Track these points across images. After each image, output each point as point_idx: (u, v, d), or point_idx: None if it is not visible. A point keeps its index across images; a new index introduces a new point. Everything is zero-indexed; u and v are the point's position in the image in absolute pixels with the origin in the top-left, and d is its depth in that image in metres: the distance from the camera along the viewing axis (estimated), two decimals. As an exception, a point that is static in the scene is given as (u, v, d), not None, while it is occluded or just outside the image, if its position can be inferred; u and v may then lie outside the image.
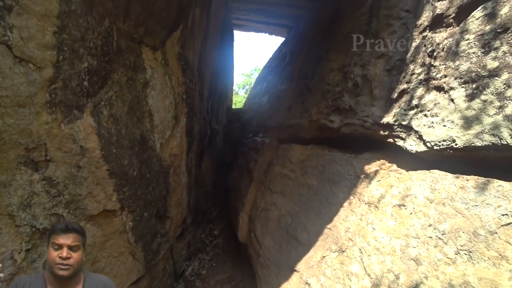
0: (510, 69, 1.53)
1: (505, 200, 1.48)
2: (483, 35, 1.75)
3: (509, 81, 1.52)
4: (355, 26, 3.82)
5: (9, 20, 2.02)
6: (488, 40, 1.71)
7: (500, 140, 1.52)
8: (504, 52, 1.59)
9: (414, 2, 2.82)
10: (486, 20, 1.76)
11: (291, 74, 5.71)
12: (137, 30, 3.52)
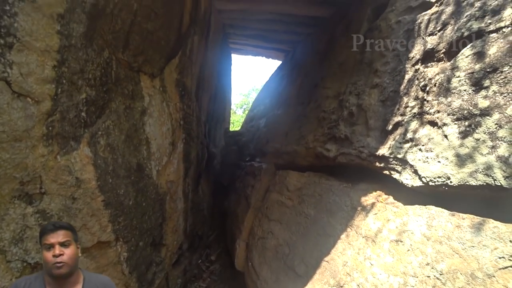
0: (500, 109, 1.56)
1: (501, 242, 1.47)
2: (473, 73, 1.79)
3: (500, 122, 1.55)
4: (349, 55, 3.91)
5: (9, 57, 2.06)
6: (479, 79, 1.75)
7: (494, 181, 1.53)
8: (494, 91, 1.63)
9: (405, 34, 2.91)
10: (475, 59, 1.81)
11: (288, 99, 5.78)
12: (136, 59, 3.58)
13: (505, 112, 1.55)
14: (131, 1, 3.20)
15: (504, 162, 1.48)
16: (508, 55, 1.60)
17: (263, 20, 6.73)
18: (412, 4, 3.06)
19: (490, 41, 1.75)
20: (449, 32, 2.21)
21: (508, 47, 1.61)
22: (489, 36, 1.78)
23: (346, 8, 5.17)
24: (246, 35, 7.94)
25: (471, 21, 2.01)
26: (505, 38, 1.66)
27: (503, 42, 1.66)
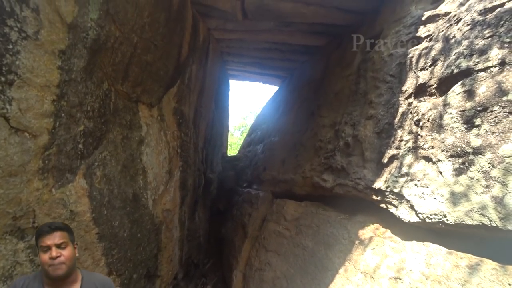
0: (493, 148, 1.58)
1: (500, 285, 1.45)
2: (464, 111, 1.84)
3: (493, 161, 1.57)
4: (344, 85, 4.00)
5: (9, 94, 2.08)
6: (470, 117, 1.79)
7: (490, 221, 1.53)
8: (485, 130, 1.66)
9: (397, 68, 2.99)
10: (466, 97, 1.86)
11: (285, 126, 5.85)
12: (135, 90, 3.63)
13: (497, 152, 1.57)
14: (132, 35, 3.28)
15: (499, 203, 1.49)
16: (497, 95, 1.65)
17: (260, 49, 6.91)
18: (403, 39, 3.17)
19: (479, 80, 1.81)
20: (439, 68, 2.28)
21: (497, 87, 1.66)
22: (478, 75, 1.84)
23: (340, 38, 5.33)
24: (243, 62, 8.12)
25: (460, 59, 2.08)
26: (493, 78, 1.71)
27: (492, 81, 1.71)
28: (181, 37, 4.39)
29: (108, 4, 2.83)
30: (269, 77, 9.44)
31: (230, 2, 4.64)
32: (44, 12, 2.22)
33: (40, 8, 2.19)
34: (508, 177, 1.47)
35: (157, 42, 3.72)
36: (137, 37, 3.36)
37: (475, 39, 2.03)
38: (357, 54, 4.18)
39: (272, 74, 8.95)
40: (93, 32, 2.71)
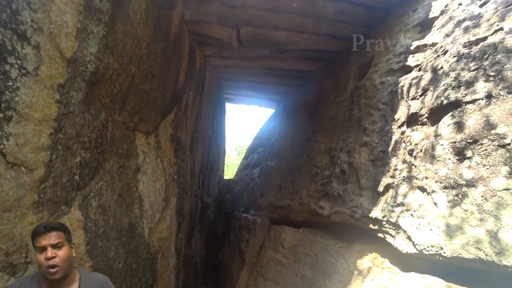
0: (484, 181, 1.61)
1: (501, 322, 1.43)
2: (455, 143, 1.88)
3: (485, 194, 1.60)
4: (338, 111, 4.07)
5: (7, 129, 2.09)
6: (461, 149, 1.83)
7: (486, 255, 1.53)
8: (477, 163, 1.70)
9: (389, 96, 3.06)
10: (456, 129, 1.91)
11: (281, 151, 5.89)
12: (132, 119, 3.66)
13: (489, 185, 1.60)
14: (130, 66, 3.35)
15: (494, 237, 1.50)
16: (486, 128, 1.70)
17: (256, 74, 7.06)
18: (394, 67, 3.27)
19: (468, 112, 1.86)
20: (429, 98, 2.35)
21: (485, 120, 1.71)
22: (466, 107, 1.90)
23: (334, 63, 5.48)
24: (239, 86, 8.27)
25: (448, 90, 2.15)
26: (481, 111, 1.77)
27: (480, 114, 1.76)
28: (178, 65, 4.49)
29: (107, 38, 2.90)
30: (265, 100, 9.59)
31: (226, 31, 4.78)
32: (44, 49, 2.27)
33: (41, 45, 2.24)
34: (501, 211, 1.49)
35: (154, 72, 3.79)
36: (135, 67, 3.43)
37: (462, 71, 2.11)
38: (350, 80, 4.29)
39: (268, 97, 9.09)
40: (92, 65, 2.77)
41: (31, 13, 2.15)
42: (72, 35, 2.49)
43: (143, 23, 3.40)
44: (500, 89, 1.74)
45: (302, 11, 4.38)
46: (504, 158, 1.57)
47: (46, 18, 2.25)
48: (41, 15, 2.22)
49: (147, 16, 3.45)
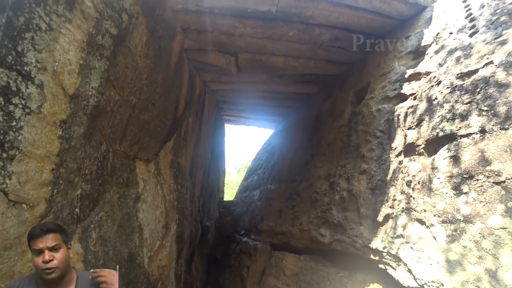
0: (482, 218, 1.63)
1: None
2: (452, 177, 1.91)
3: (483, 232, 1.61)
4: (337, 136, 4.12)
5: (10, 168, 2.11)
6: (457, 184, 1.86)
7: (487, 295, 1.53)
8: (473, 198, 1.72)
9: (386, 124, 3.11)
10: (452, 162, 1.95)
11: (280, 174, 5.91)
12: (132, 148, 3.70)
13: (486, 222, 1.62)
14: (130, 97, 3.42)
15: (493, 276, 1.51)
16: (481, 163, 1.73)
17: (254, 97, 7.16)
18: (389, 94, 3.34)
19: (463, 146, 1.90)
20: (425, 128, 2.39)
21: (480, 155, 1.75)
22: (461, 140, 1.94)
23: (331, 85, 5.58)
24: (238, 109, 8.37)
25: (443, 122, 2.19)
26: (476, 145, 1.81)
27: (475, 149, 1.80)
28: (178, 93, 4.57)
29: (109, 72, 2.98)
30: (264, 122, 9.68)
31: (225, 58, 4.90)
32: (48, 87, 2.33)
33: (45, 83, 2.30)
34: (499, 250, 1.50)
35: (155, 101, 3.86)
36: (136, 98, 3.49)
37: (456, 104, 2.16)
38: (347, 105, 4.35)
39: (267, 118, 9.19)
40: (93, 99, 2.83)
41: (36, 54, 2.21)
42: (75, 71, 2.56)
43: (144, 55, 3.49)
44: (493, 125, 1.78)
45: (298, 38, 4.50)
46: (499, 196, 1.59)
47: (50, 58, 2.32)
48: (46, 55, 2.28)
49: (147, 48, 3.55)
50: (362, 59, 4.83)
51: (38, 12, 2.16)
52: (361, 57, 4.84)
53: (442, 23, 3.40)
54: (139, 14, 3.26)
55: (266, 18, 3.93)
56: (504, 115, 1.75)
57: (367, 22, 4.16)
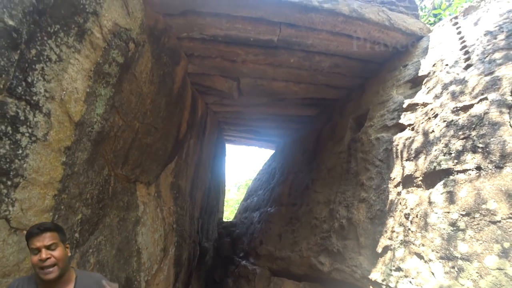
0: (479, 257, 1.65)
1: None
2: (449, 213, 1.94)
3: (480, 271, 1.62)
4: (336, 162, 4.16)
5: (13, 195, 2.14)
6: (454, 220, 1.88)
7: None
8: (470, 236, 1.74)
9: (385, 153, 3.16)
10: (449, 198, 1.98)
11: (280, 197, 5.91)
12: (134, 171, 3.73)
13: (483, 261, 1.63)
14: (134, 122, 3.48)
15: (492, 320, 1.51)
16: (477, 201, 1.76)
17: (255, 119, 7.26)
18: (388, 123, 3.40)
19: (459, 182, 1.94)
20: (422, 161, 2.44)
21: (476, 193, 1.78)
22: (457, 176, 1.98)
23: (331, 108, 5.67)
24: (239, 130, 8.46)
25: (440, 157, 2.24)
26: (471, 183, 1.84)
27: (471, 186, 1.83)
28: (180, 116, 4.64)
29: (114, 99, 3.05)
30: (264, 142, 9.76)
31: (227, 83, 5.01)
32: (55, 115, 2.39)
33: (52, 111, 2.36)
34: (496, 292, 1.51)
35: (157, 125, 3.93)
36: (139, 123, 3.56)
37: (452, 139, 2.22)
38: (347, 132, 4.42)
39: (268, 139, 9.27)
40: (98, 125, 2.89)
41: (45, 84, 2.28)
42: (81, 99, 2.63)
43: (148, 81, 3.58)
44: (488, 163, 1.82)
45: (299, 65, 4.62)
46: (495, 235, 1.61)
47: (58, 87, 2.39)
48: (54, 84, 2.35)
49: (152, 74, 3.65)
50: (361, 84, 4.94)
51: (50, 44, 2.24)
52: (361, 83, 4.96)
53: (438, 54, 3.50)
54: (145, 42, 3.38)
55: (268, 46, 4.06)
56: (498, 154, 1.79)
57: (366, 50, 4.29)
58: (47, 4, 1.93)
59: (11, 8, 1.57)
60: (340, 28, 3.82)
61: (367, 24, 3.86)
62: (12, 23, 1.60)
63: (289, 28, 3.70)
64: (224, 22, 3.53)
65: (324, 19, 3.62)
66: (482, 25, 3.18)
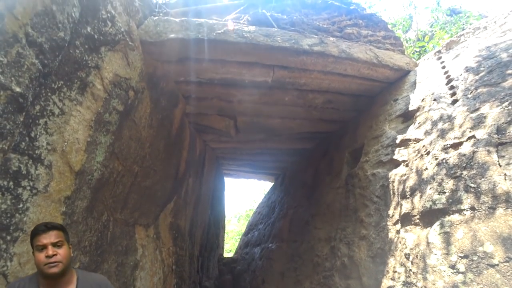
0: (481, 303, 1.64)
1: None
2: (447, 254, 1.94)
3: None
4: (335, 198, 4.17)
5: (12, 250, 2.13)
6: (454, 262, 1.89)
7: None
8: (471, 279, 1.74)
9: (382, 189, 3.19)
10: (446, 239, 1.99)
11: (281, 233, 5.86)
12: (133, 215, 3.73)
13: (486, 309, 1.62)
14: (133, 166, 3.53)
15: None
16: (474, 243, 1.78)
17: (252, 153, 7.35)
18: (383, 159, 3.46)
19: (455, 223, 1.97)
20: (418, 199, 2.47)
21: (472, 234, 1.80)
22: (453, 217, 2.01)
23: (327, 143, 5.75)
24: (237, 164, 8.51)
25: (435, 195, 2.28)
26: (467, 224, 1.87)
27: (467, 227, 1.86)
28: (179, 157, 4.70)
29: (114, 145, 3.12)
30: (262, 175, 9.79)
31: (224, 121, 5.13)
32: (56, 166, 2.43)
33: (53, 163, 2.40)
34: None
35: (156, 168, 3.97)
36: (138, 167, 3.61)
37: (445, 177, 2.27)
38: (344, 166, 4.47)
39: (266, 172, 9.31)
40: (97, 173, 2.93)
41: (47, 137, 2.34)
42: (82, 149, 2.69)
43: (147, 125, 3.68)
44: (481, 203, 1.87)
45: (293, 102, 4.77)
46: (495, 279, 1.61)
47: (60, 139, 2.45)
48: (56, 137, 2.41)
49: (151, 118, 3.75)
50: (355, 117, 5.07)
51: (53, 99, 2.32)
52: (354, 115, 5.09)
53: (426, 88, 3.63)
54: (144, 88, 3.51)
55: (262, 87, 4.21)
56: (490, 195, 1.84)
57: (357, 86, 4.46)
58: (53, 67, 2.05)
59: (18, 76, 1.67)
60: (331, 68, 3.99)
61: (356, 62, 4.04)
62: (19, 90, 1.69)
63: (282, 70, 3.87)
64: (220, 67, 3.69)
65: (315, 61, 3.80)
66: (464, 61, 3.34)
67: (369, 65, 4.14)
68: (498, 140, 2.13)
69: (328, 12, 4.70)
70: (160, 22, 3.35)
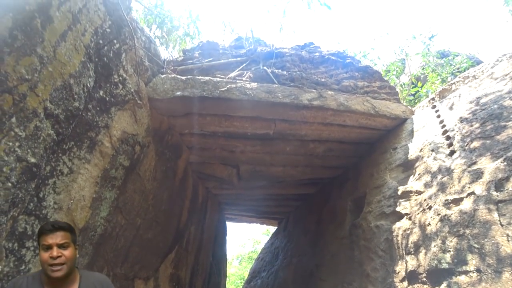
0: None
1: None
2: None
3: None
4: (339, 248, 4.10)
5: (11, 316, 2.09)
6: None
7: None
8: None
9: (386, 243, 3.16)
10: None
11: (285, 284, 5.67)
12: (133, 268, 3.65)
13: None
14: (136, 219, 3.53)
15: None
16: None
17: (255, 199, 7.32)
18: (386, 211, 3.46)
19: (462, 285, 1.94)
20: (423, 257, 2.45)
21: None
22: (460, 278, 1.98)
23: (329, 188, 5.75)
24: (240, 209, 8.45)
25: (440, 254, 2.26)
26: (474, 287, 1.84)
27: (474, 291, 1.83)
28: (181, 206, 4.71)
29: (118, 200, 3.15)
30: (265, 219, 9.65)
31: (227, 170, 5.20)
32: (60, 225, 2.46)
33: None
34: None
35: (159, 219, 3.97)
36: (141, 219, 3.61)
37: (448, 235, 2.27)
38: (347, 214, 4.45)
39: (268, 217, 9.20)
40: (100, 228, 2.94)
41: (55, 196, 2.39)
42: (87, 206, 2.72)
43: (151, 178, 3.74)
44: (487, 266, 1.86)
45: (295, 152, 4.86)
46: None
47: (67, 197, 2.50)
48: (63, 196, 2.46)
49: (156, 171, 3.82)
50: (356, 163, 5.11)
51: (63, 159, 2.40)
52: (355, 161, 5.14)
53: (423, 137, 3.69)
54: (150, 143, 3.62)
55: (264, 138, 4.33)
56: (495, 257, 1.83)
57: (356, 135, 4.57)
58: (66, 134, 2.16)
59: (34, 147, 1.76)
60: (331, 120, 4.13)
61: (354, 114, 4.18)
62: (33, 160, 1.78)
63: (283, 123, 4.01)
64: (223, 121, 3.84)
65: (314, 114, 3.95)
66: (457, 111, 3.43)
67: (367, 115, 4.27)
68: (497, 197, 2.16)
69: (325, 66, 4.95)
70: (167, 80, 3.54)
